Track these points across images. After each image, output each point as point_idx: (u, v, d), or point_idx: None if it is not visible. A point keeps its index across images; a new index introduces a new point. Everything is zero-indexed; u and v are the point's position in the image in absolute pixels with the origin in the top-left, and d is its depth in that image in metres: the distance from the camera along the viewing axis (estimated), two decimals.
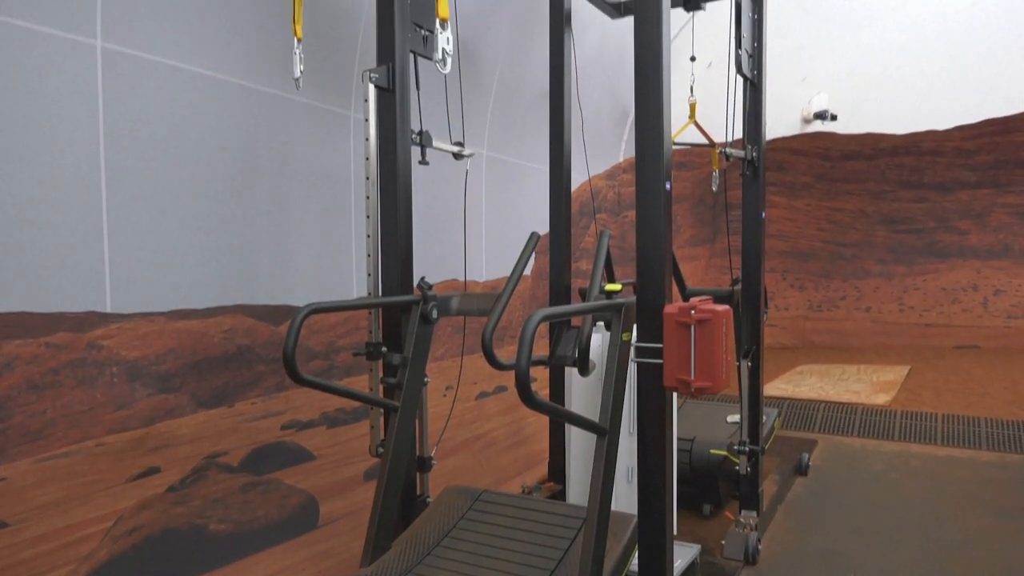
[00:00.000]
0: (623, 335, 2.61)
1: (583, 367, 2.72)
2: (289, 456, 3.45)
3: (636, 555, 2.70)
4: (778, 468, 5.53)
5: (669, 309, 2.49)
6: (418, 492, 3.20)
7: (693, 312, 2.42)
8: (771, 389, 8.05)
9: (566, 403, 4.09)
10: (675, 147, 5.37)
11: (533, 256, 4.54)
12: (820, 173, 11.40)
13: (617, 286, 2.81)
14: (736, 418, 5.17)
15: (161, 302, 2.86)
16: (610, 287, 2.81)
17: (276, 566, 3.33)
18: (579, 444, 3.94)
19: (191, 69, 2.91)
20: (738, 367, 4.33)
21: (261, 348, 3.29)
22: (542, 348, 3.58)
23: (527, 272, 5.36)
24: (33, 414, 2.45)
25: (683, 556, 3.62)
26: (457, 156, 3.37)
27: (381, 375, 3.00)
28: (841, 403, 7.39)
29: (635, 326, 2.67)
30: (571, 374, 4.03)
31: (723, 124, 4.25)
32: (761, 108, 4.34)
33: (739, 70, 4.09)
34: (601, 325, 3.47)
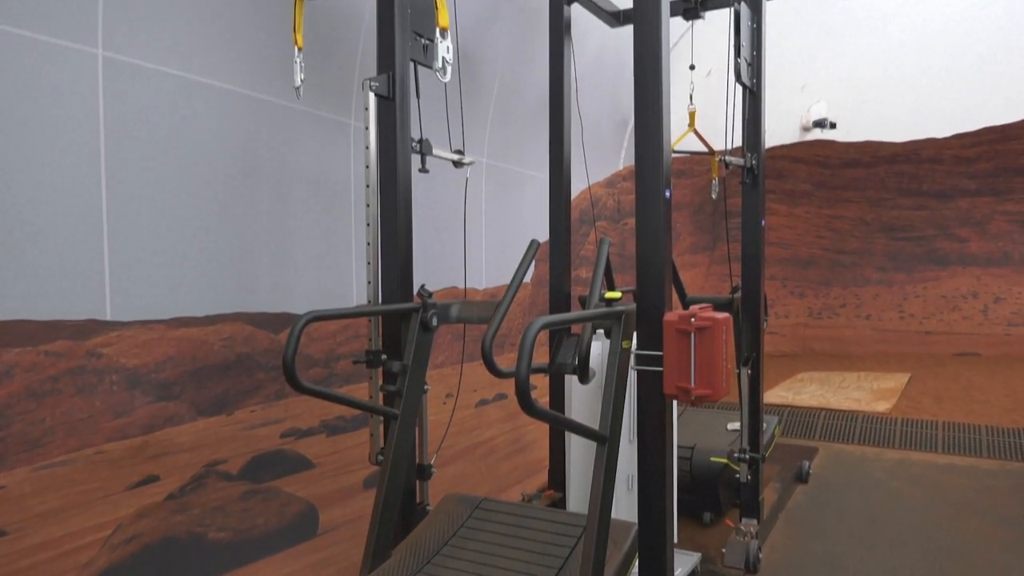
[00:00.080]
0: (623, 343, 2.61)
1: (583, 375, 2.72)
2: (288, 464, 3.44)
3: (636, 563, 2.69)
4: (779, 476, 5.52)
5: (669, 317, 2.49)
6: (418, 500, 3.19)
7: (693, 320, 2.42)
8: (771, 397, 8.04)
9: (566, 411, 4.09)
10: (675, 155, 5.39)
11: (533, 264, 4.55)
12: (819, 181, 11.42)
13: (617, 294, 2.80)
14: (736, 426, 5.16)
15: (161, 310, 2.86)
16: (610, 295, 2.80)
17: (276, 574, 3.32)
18: (579, 452, 3.93)
19: (192, 78, 2.92)
20: (738, 375, 4.33)
21: (261, 356, 3.29)
22: (542, 356, 3.58)
23: (527, 280, 5.36)
24: (32, 422, 2.45)
25: (683, 564, 3.60)
26: (457, 164, 3.38)
27: (381, 383, 3.00)
28: (841, 411, 7.38)
29: (635, 334, 2.67)
30: (571, 382, 4.03)
31: (722, 132, 4.26)
32: (760, 116, 4.35)
33: (738, 78, 4.10)
34: (601, 333, 3.47)
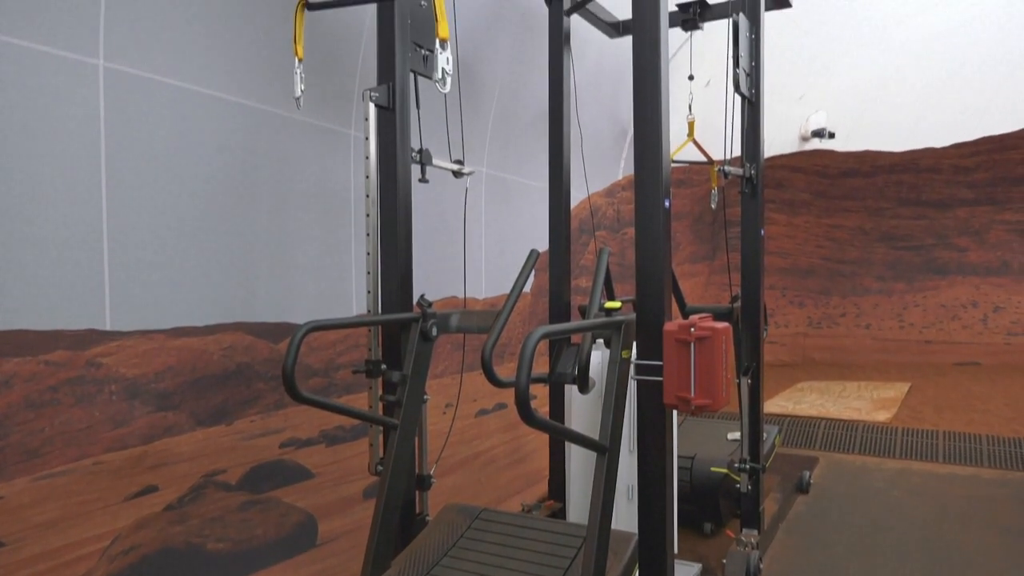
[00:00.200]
0: (623, 352, 2.61)
1: (583, 385, 2.71)
2: (288, 474, 3.43)
3: (637, 574, 2.68)
4: (779, 486, 5.51)
5: (669, 326, 2.49)
6: (417, 510, 3.18)
7: (693, 329, 2.42)
8: (771, 406, 8.03)
9: (566, 421, 4.08)
10: (674, 165, 5.40)
11: (533, 273, 4.55)
12: (819, 190, 11.44)
13: (617, 303, 2.81)
14: (736, 435, 5.15)
15: (161, 319, 2.86)
16: (609, 304, 2.81)
17: None
18: (579, 462, 3.93)
19: (192, 88, 2.94)
20: (738, 384, 4.32)
21: (260, 366, 3.29)
22: (542, 365, 3.58)
23: (527, 289, 5.36)
24: (31, 432, 2.44)
25: (684, 575, 3.59)
26: (457, 174, 3.39)
27: (380, 392, 3.00)
28: (842, 420, 7.37)
29: (635, 343, 2.67)
30: (571, 392, 4.02)
31: (721, 142, 4.27)
32: (759, 126, 4.37)
33: (737, 89, 4.11)
34: (601, 342, 3.47)
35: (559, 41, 4.23)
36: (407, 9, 3.02)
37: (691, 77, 5.37)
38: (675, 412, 3.01)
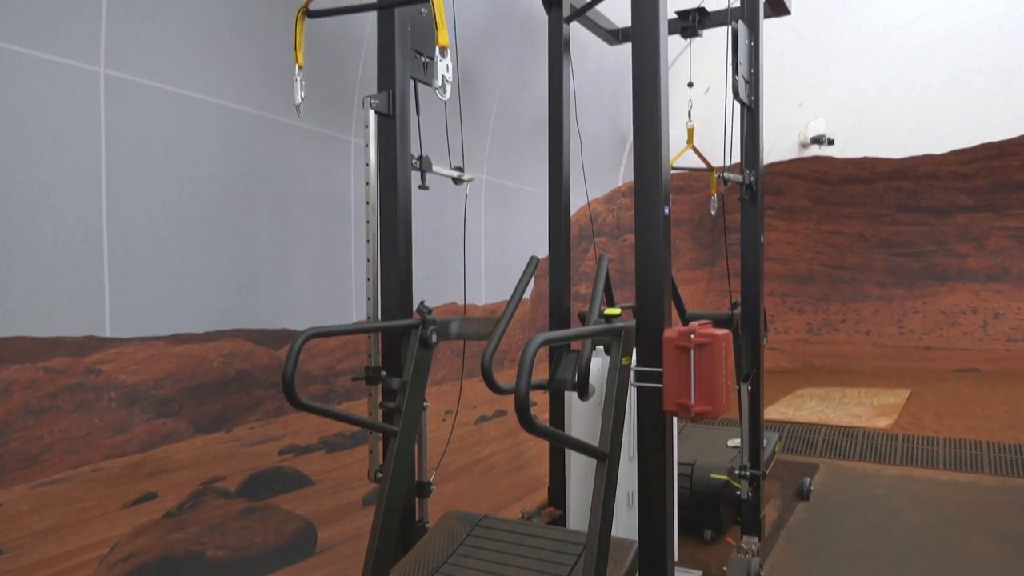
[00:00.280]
0: (623, 359, 2.61)
1: (583, 391, 2.71)
2: (287, 481, 3.42)
3: None
4: (779, 493, 5.49)
5: (668, 333, 2.49)
6: (417, 517, 3.18)
7: (693, 336, 2.42)
8: (771, 413, 8.02)
9: (566, 427, 4.07)
10: (673, 171, 5.41)
11: (532, 280, 4.55)
12: (818, 197, 11.46)
13: (616, 310, 2.81)
14: (737, 442, 5.14)
15: (160, 326, 2.86)
16: (609, 311, 2.81)
17: None
18: (579, 469, 3.92)
19: (193, 95, 2.94)
20: (738, 391, 4.32)
21: (260, 372, 3.28)
22: (541, 372, 3.57)
23: (527, 296, 5.36)
24: (30, 439, 2.44)
25: None
26: (457, 181, 3.40)
27: (380, 399, 2.99)
28: (842, 427, 7.36)
29: (635, 350, 2.67)
30: (571, 398, 4.02)
31: (721, 148, 4.28)
32: (758, 133, 4.37)
33: (736, 96, 4.12)
34: (601, 349, 3.47)
35: (559, 48, 4.24)
36: (407, 17, 3.03)
37: (690, 84, 5.40)
38: (675, 419, 3.01)
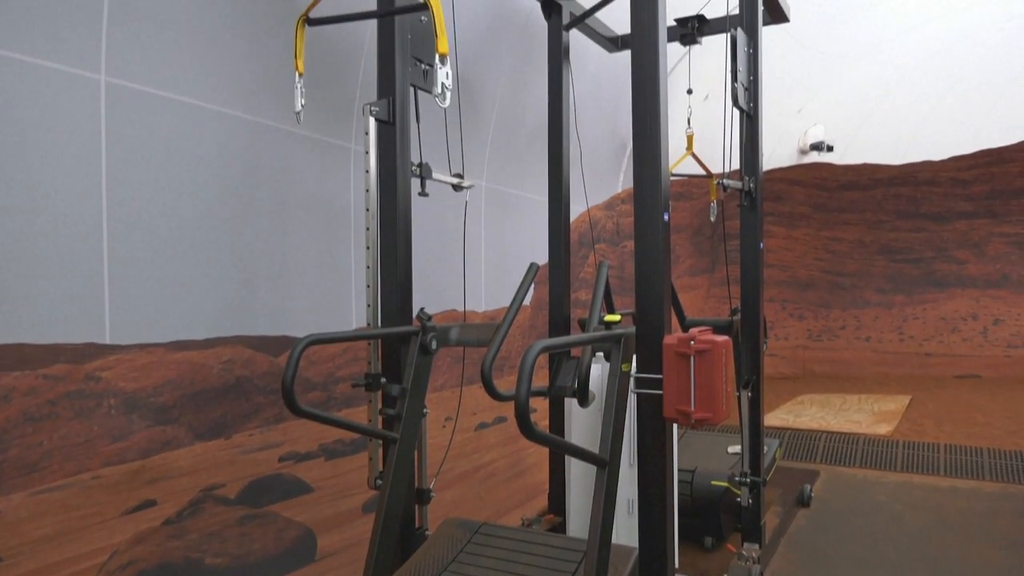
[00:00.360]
0: (623, 366, 2.61)
1: (583, 398, 2.71)
2: (287, 488, 3.42)
3: None
4: (780, 499, 5.48)
5: (668, 340, 2.49)
6: (417, 525, 3.17)
7: (692, 343, 2.42)
8: (772, 419, 8.01)
9: (566, 434, 4.07)
10: (673, 178, 5.42)
11: (532, 286, 4.55)
12: (818, 203, 11.48)
13: (616, 317, 2.81)
14: (737, 449, 5.13)
15: (160, 333, 2.86)
16: (609, 318, 2.81)
17: None
18: (579, 476, 3.91)
19: (193, 103, 2.95)
20: (738, 397, 4.31)
21: (260, 379, 3.28)
22: (541, 379, 3.57)
23: (526, 302, 5.37)
24: (29, 446, 2.44)
25: None
26: (457, 187, 3.40)
27: (380, 406, 2.99)
28: (842, 433, 7.35)
29: (634, 357, 2.66)
30: (571, 405, 4.01)
31: (720, 155, 4.29)
32: (758, 139, 4.38)
33: (735, 102, 4.13)
34: (601, 356, 3.47)
35: (558, 55, 4.26)
36: (407, 24, 3.04)
37: (690, 91, 5.41)
38: (675, 425, 3.00)
